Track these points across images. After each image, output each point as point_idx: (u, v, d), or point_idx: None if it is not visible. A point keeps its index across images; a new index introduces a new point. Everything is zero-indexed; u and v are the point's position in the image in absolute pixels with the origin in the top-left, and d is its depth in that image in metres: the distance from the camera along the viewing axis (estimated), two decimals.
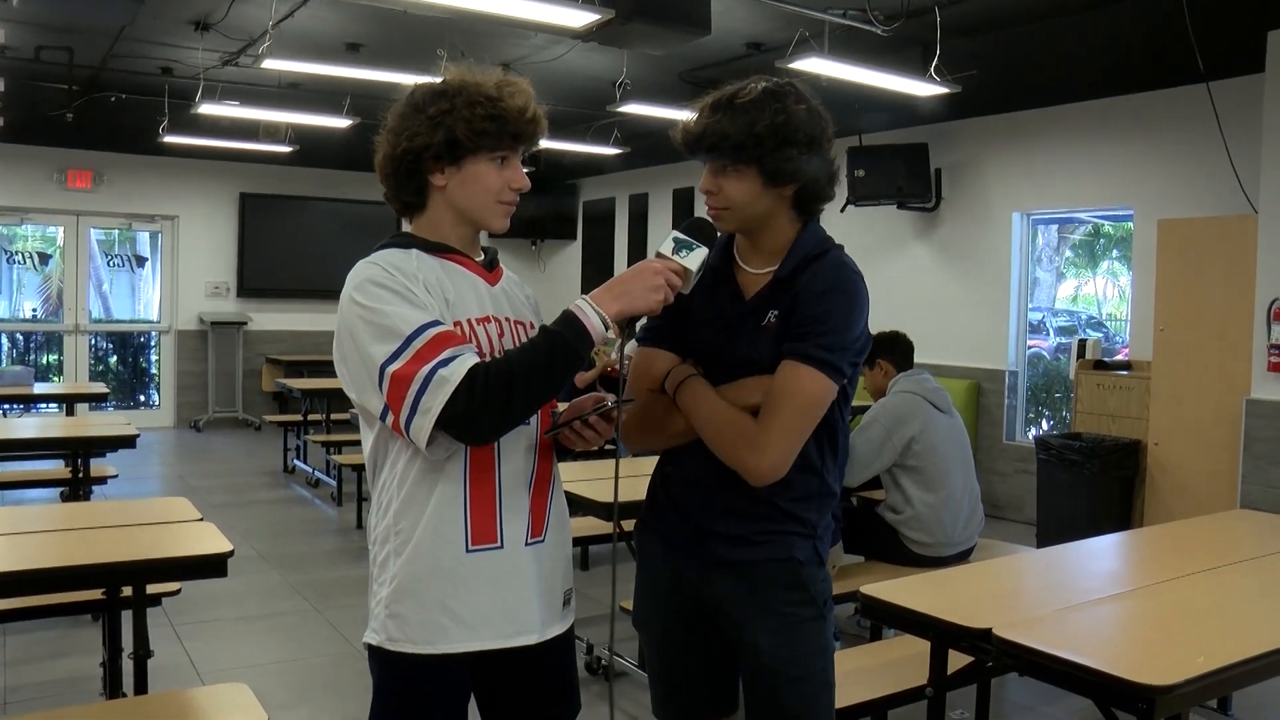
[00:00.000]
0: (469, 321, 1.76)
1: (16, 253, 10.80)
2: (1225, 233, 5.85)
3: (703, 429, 1.88)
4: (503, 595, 1.76)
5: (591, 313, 1.69)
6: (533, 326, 1.87)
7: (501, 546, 1.76)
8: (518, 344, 1.79)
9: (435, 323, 1.66)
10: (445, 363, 1.62)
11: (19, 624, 4.20)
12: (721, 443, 1.86)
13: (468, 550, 1.73)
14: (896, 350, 4.25)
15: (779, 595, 1.90)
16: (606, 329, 1.70)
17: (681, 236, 1.80)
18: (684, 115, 1.92)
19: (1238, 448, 5.63)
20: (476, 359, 1.65)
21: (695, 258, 1.79)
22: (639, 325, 1.92)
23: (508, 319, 1.84)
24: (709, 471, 1.90)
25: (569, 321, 1.68)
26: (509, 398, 1.64)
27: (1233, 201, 5.97)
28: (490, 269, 1.87)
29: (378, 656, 1.77)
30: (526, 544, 1.79)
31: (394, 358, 1.63)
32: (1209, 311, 5.90)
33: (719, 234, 1.87)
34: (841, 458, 1.98)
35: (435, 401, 1.61)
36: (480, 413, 1.63)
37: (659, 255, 1.79)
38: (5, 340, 10.91)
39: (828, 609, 1.94)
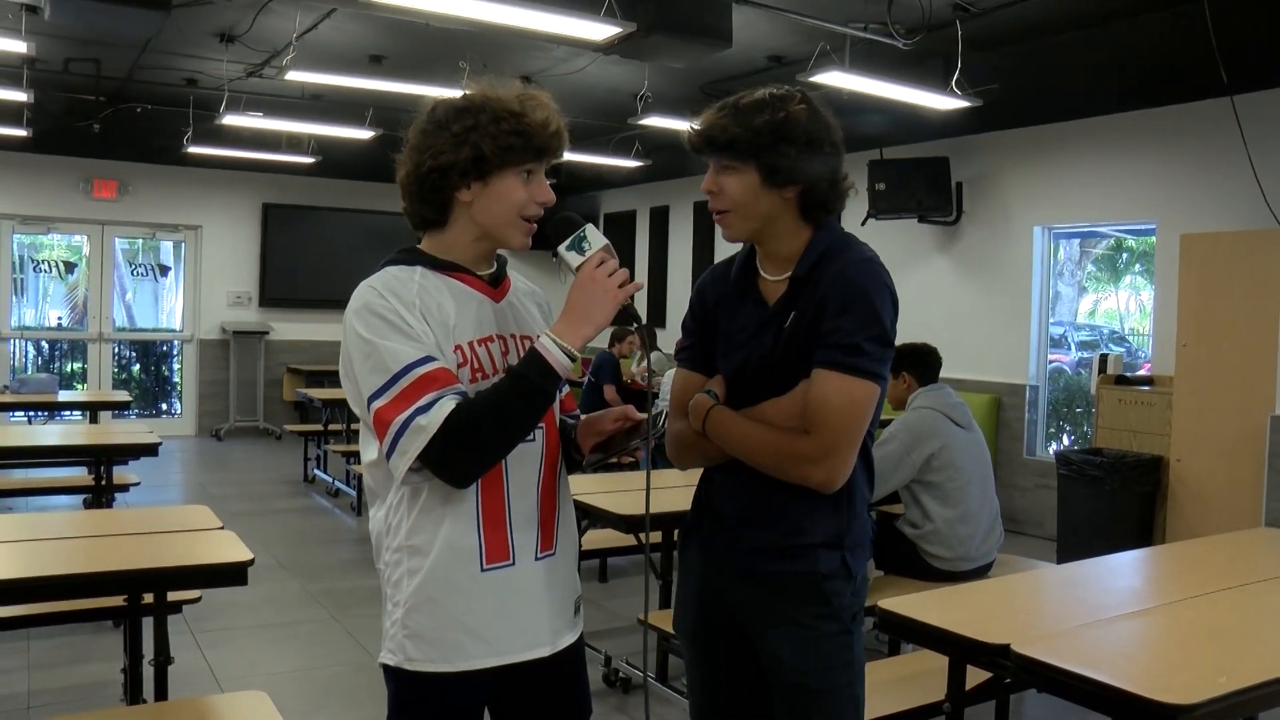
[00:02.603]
0: (470, 345, 1.77)
1: (42, 261, 10.91)
2: (1249, 247, 5.81)
3: (748, 456, 1.90)
4: (517, 610, 1.77)
5: (555, 349, 1.70)
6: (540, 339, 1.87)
7: (514, 564, 1.77)
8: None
9: (425, 360, 1.68)
10: (424, 409, 1.65)
11: (43, 629, 4.23)
12: (776, 464, 1.87)
13: (482, 569, 1.74)
14: (923, 364, 4.23)
15: (800, 608, 1.90)
16: (573, 361, 1.72)
17: (565, 244, 1.77)
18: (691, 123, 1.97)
19: (1262, 465, 5.59)
20: (456, 403, 1.67)
21: (593, 238, 1.77)
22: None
23: (513, 335, 1.85)
24: (747, 481, 1.92)
25: (534, 362, 1.70)
26: (482, 445, 1.68)
27: (1256, 215, 5.93)
28: (496, 284, 1.87)
29: (395, 676, 1.77)
30: (537, 558, 1.80)
31: (380, 393, 1.67)
32: (1232, 326, 5.85)
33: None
34: (874, 464, 1.99)
35: (412, 447, 1.65)
36: (454, 461, 1.67)
37: (577, 270, 1.76)
38: (30, 348, 11.02)
39: (855, 623, 1.92)
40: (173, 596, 3.10)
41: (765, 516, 1.92)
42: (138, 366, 11.61)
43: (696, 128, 1.93)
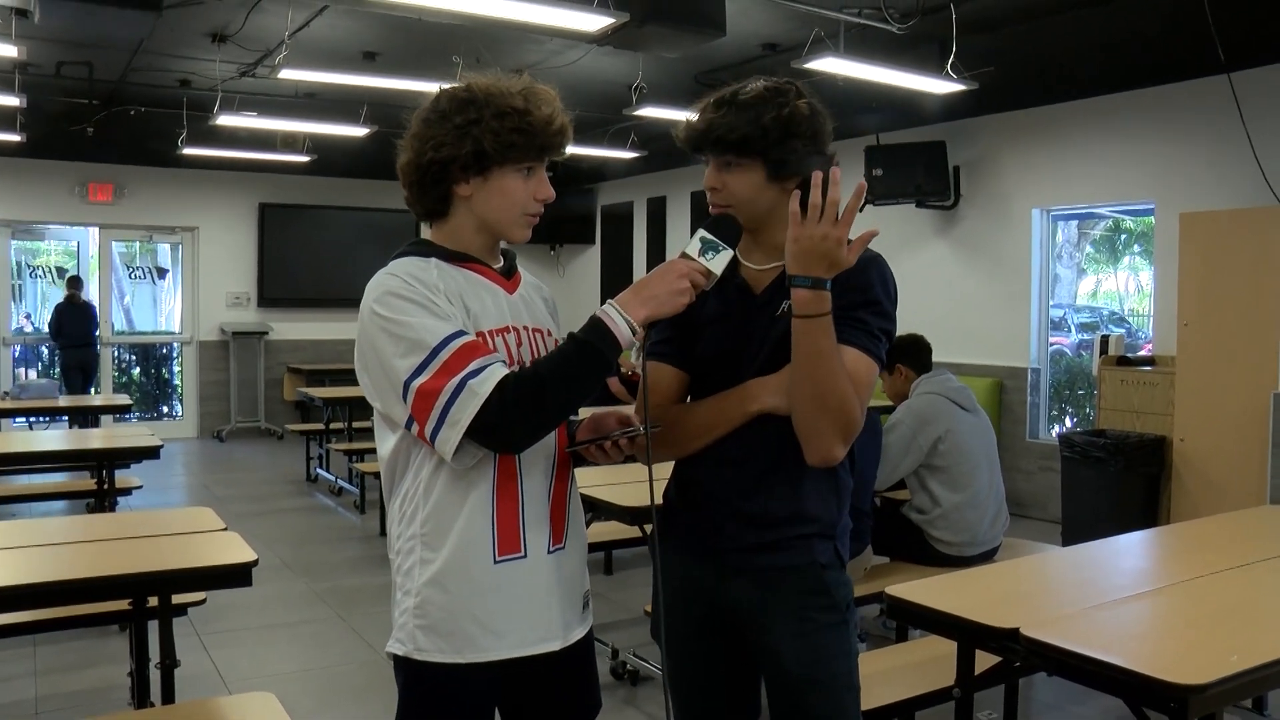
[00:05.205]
0: (489, 333, 1.76)
1: (39, 266, 10.89)
2: (1249, 225, 5.79)
3: (816, 376, 1.74)
4: (528, 604, 1.76)
5: (619, 319, 1.68)
6: (550, 334, 1.87)
7: (525, 556, 1.76)
8: (536, 353, 1.79)
9: (460, 333, 1.66)
10: (474, 374, 1.62)
11: (48, 634, 4.23)
12: (824, 405, 1.75)
13: (495, 561, 1.73)
14: (914, 354, 4.23)
15: (801, 600, 1.88)
16: (634, 334, 1.69)
17: (708, 237, 1.77)
18: (686, 116, 1.94)
19: (1266, 443, 5.58)
20: (505, 369, 1.65)
21: (720, 260, 1.76)
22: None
23: (526, 327, 1.83)
24: (726, 478, 1.90)
25: (597, 329, 1.68)
26: (541, 407, 1.65)
27: (1256, 193, 5.91)
28: (509, 276, 1.86)
29: (404, 666, 1.76)
30: (549, 552, 1.79)
31: (419, 371, 1.63)
32: (1234, 305, 5.84)
33: (741, 232, 1.85)
34: (858, 454, 1.96)
35: (465, 414, 1.61)
36: (512, 423, 1.64)
37: (684, 255, 1.76)
38: (30, 353, 11.01)
39: (850, 612, 1.92)
40: (178, 599, 3.09)
41: (753, 509, 1.88)
42: (138, 369, 11.61)
43: (695, 126, 1.88)
